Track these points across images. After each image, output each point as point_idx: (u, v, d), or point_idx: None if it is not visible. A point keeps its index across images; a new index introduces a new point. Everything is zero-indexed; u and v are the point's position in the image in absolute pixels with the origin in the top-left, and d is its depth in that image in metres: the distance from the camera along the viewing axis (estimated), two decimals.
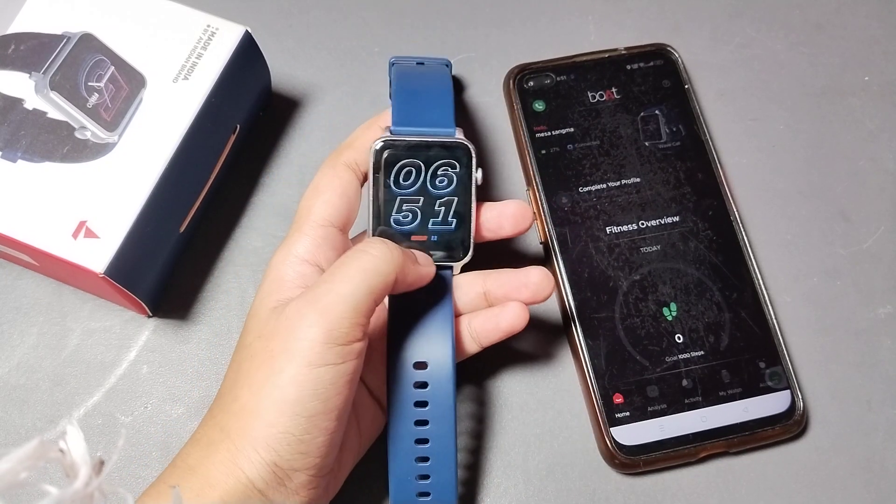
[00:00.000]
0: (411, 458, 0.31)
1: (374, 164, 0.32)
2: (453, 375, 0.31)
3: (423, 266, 0.32)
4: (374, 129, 0.33)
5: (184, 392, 0.37)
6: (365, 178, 0.33)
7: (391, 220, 0.32)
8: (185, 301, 0.38)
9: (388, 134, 0.32)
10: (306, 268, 0.31)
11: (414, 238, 0.33)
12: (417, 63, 0.38)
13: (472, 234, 0.33)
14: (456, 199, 0.32)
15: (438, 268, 0.33)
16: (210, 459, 0.28)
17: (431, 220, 0.33)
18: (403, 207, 0.32)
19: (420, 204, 0.32)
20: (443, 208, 0.33)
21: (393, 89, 0.34)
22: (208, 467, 0.28)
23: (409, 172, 0.32)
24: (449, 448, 0.31)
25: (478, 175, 0.32)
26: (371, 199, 0.32)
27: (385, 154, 0.32)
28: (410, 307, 0.32)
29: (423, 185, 0.32)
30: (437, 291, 0.33)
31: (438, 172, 0.32)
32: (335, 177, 0.32)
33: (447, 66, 0.39)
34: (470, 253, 0.33)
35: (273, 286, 0.31)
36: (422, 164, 0.32)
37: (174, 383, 0.37)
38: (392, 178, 0.32)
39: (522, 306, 0.33)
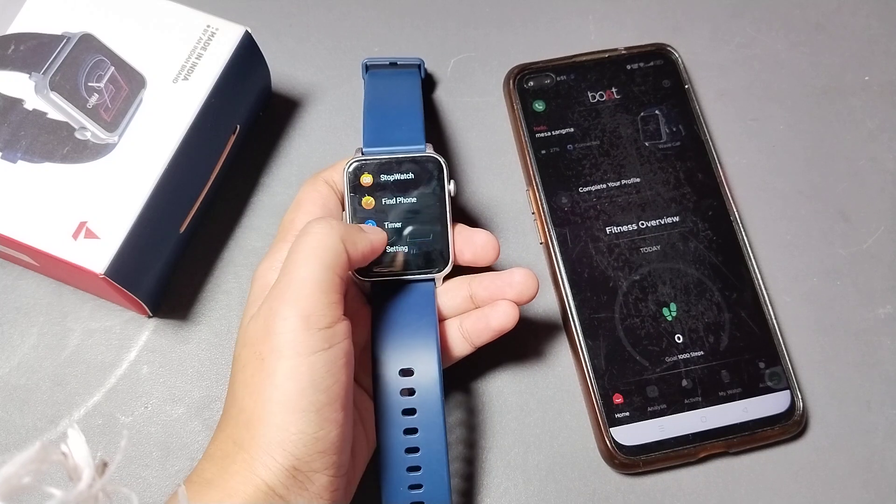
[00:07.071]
0: (402, 467, 0.31)
1: (349, 185, 0.33)
2: (440, 381, 0.31)
3: (372, 233, 0.32)
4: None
5: (184, 392, 0.37)
6: (342, 199, 0.34)
7: None
8: (185, 301, 0.38)
9: (360, 155, 0.33)
10: None
11: (393, 251, 0.33)
12: (390, 63, 0.39)
13: (451, 244, 0.34)
14: (431, 211, 0.33)
15: (421, 280, 0.34)
16: (227, 472, 0.28)
17: (409, 233, 0.33)
18: (381, 223, 0.33)
19: (397, 219, 0.33)
20: (419, 222, 0.33)
21: (363, 109, 0.35)
22: (226, 480, 0.27)
23: (384, 189, 0.33)
24: (440, 456, 0.31)
25: (451, 187, 0.33)
26: (349, 218, 0.33)
27: (358, 174, 0.33)
28: (393, 316, 0.33)
29: (398, 200, 0.33)
30: (419, 300, 0.33)
31: (411, 187, 0.33)
32: (315, 191, 0.34)
33: (419, 66, 0.40)
34: (450, 264, 0.34)
35: (259, 294, 0.31)
36: (395, 181, 0.33)
37: (174, 383, 0.37)
38: (367, 197, 0.33)
39: (512, 305, 0.33)
